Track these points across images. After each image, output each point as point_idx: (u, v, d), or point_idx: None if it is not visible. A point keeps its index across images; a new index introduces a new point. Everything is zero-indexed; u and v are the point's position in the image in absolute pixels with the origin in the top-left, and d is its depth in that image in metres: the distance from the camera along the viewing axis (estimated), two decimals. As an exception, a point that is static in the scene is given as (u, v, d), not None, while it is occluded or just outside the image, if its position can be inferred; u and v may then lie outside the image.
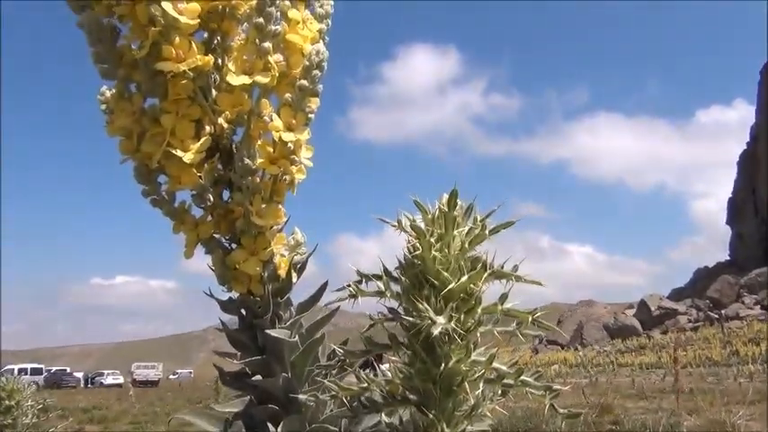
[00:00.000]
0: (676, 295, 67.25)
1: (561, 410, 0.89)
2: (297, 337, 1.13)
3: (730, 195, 75.36)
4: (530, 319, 0.87)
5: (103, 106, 1.06)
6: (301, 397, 0.93)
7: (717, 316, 54.99)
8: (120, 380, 52.43)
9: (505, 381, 0.82)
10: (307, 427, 1.11)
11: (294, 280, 1.15)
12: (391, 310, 0.92)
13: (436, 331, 0.77)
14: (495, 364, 0.82)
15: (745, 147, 75.47)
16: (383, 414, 0.95)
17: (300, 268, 1.17)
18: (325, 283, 1.17)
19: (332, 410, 1.16)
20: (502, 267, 0.85)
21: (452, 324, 0.79)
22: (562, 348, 59.04)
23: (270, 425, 1.11)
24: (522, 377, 0.81)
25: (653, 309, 59.42)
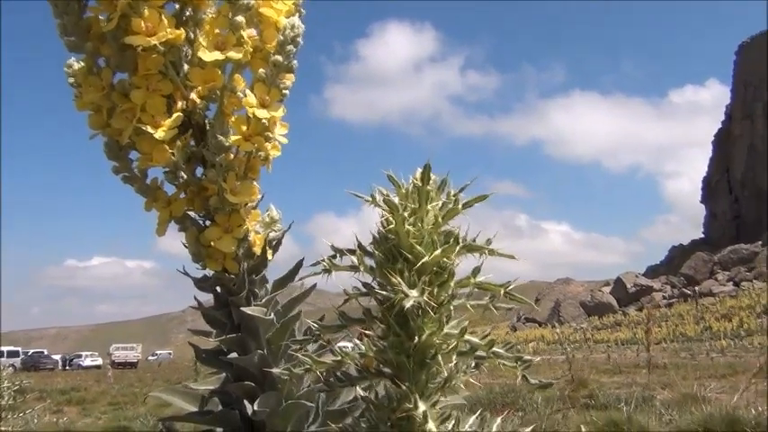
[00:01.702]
0: (652, 273, 68.36)
1: (533, 380, 0.90)
2: (273, 314, 1.13)
3: (705, 175, 76.42)
4: (502, 291, 0.88)
5: (71, 80, 1.04)
6: (275, 371, 0.93)
7: (691, 292, 56.05)
8: (99, 362, 52.09)
9: (478, 353, 0.83)
10: (283, 403, 1.12)
11: (269, 257, 1.15)
12: (366, 284, 0.92)
13: (408, 305, 0.78)
14: (467, 337, 0.83)
15: (719, 126, 76.42)
16: (359, 388, 0.96)
17: (276, 245, 1.17)
18: (301, 261, 1.17)
19: (309, 386, 1.17)
20: (474, 241, 0.85)
21: (425, 297, 0.80)
22: (540, 326, 59.81)
23: (246, 401, 1.12)
24: (493, 348, 0.82)
25: (629, 286, 60.36)
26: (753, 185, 66.79)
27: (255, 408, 1.09)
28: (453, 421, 0.84)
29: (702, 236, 73.96)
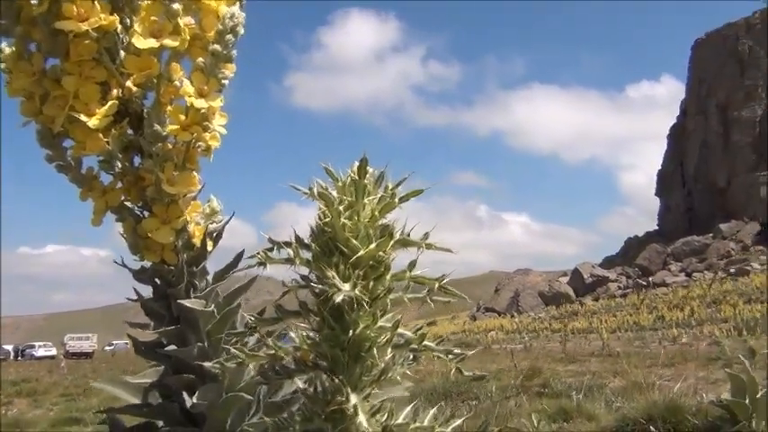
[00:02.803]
0: (608, 263, 69.85)
1: (467, 373, 0.91)
2: (213, 306, 1.12)
3: (660, 168, 78.29)
4: (436, 285, 0.89)
5: (2, 65, 1.01)
6: (206, 365, 0.92)
7: (645, 283, 57.50)
8: (53, 352, 50.89)
9: (412, 346, 0.84)
10: (223, 396, 1.11)
11: (209, 248, 1.13)
12: (303, 277, 0.92)
13: (339, 298, 0.78)
14: (400, 330, 0.84)
15: (674, 121, 78.30)
16: (298, 380, 0.95)
17: (216, 237, 1.16)
18: (242, 252, 1.16)
19: (252, 377, 1.16)
20: (408, 235, 0.86)
21: (357, 291, 0.80)
22: (499, 315, 60.65)
23: (185, 394, 1.11)
24: (425, 342, 0.83)
25: (585, 276, 61.59)
26: (705, 179, 68.71)
27: (194, 400, 1.08)
28: (386, 414, 0.84)
29: (657, 228, 75.84)
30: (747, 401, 2.72)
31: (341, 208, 0.85)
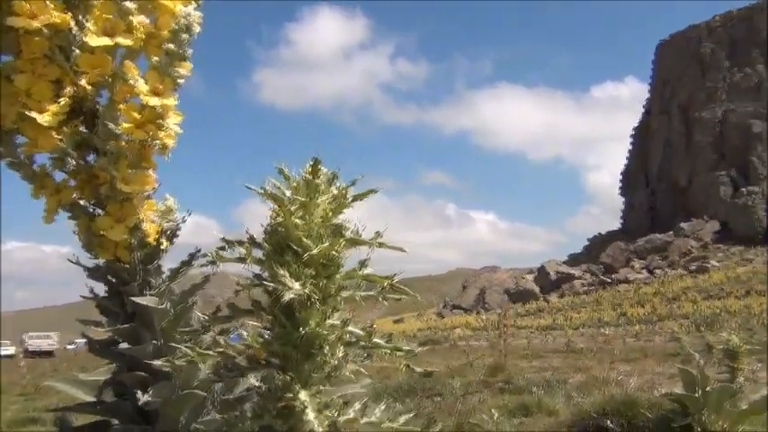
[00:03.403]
0: (573, 261, 70.91)
1: (418, 369, 0.94)
2: (167, 303, 1.12)
3: (624, 167, 79.66)
4: (386, 283, 0.91)
5: (-49, 61, 1.00)
6: (156, 363, 0.93)
7: (609, 280, 58.53)
8: (12, 351, 49.68)
9: (364, 343, 0.86)
10: (177, 393, 1.11)
11: (164, 247, 1.14)
12: (257, 276, 0.93)
13: (288, 296, 0.79)
14: (350, 328, 0.85)
15: (638, 121, 79.74)
16: (252, 378, 0.97)
17: (171, 235, 1.16)
18: (198, 250, 1.17)
19: (208, 374, 1.17)
20: (360, 235, 0.88)
21: (307, 289, 0.82)
22: (466, 312, 61.14)
23: (139, 392, 1.11)
24: (373, 339, 0.85)
25: (551, 274, 62.43)
26: (668, 178, 70.20)
27: (148, 398, 1.08)
28: (336, 410, 0.86)
29: (620, 226, 77.22)
30: (699, 395, 2.82)
31: (292, 207, 0.86)
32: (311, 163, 0.89)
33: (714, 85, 67.94)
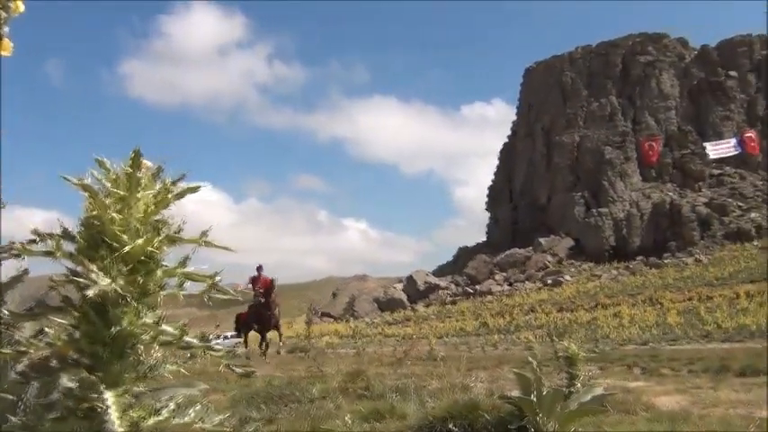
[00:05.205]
0: (440, 272, 73.31)
1: (238, 370, 0.93)
2: (-25, 301, 1.04)
3: (491, 183, 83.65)
4: (209, 282, 0.90)
5: None
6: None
7: (473, 291, 61.05)
8: None
9: (171, 341, 0.84)
10: (-16, 396, 1.03)
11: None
12: (71, 271, 0.89)
13: (92, 292, 0.76)
14: (163, 326, 0.83)
15: (504, 141, 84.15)
16: (65, 379, 0.92)
17: (-18, 226, 1.08)
18: (12, 243, 1.09)
19: (14, 376, 1.09)
20: (179, 233, 0.86)
21: (118, 286, 0.79)
22: (335, 320, 61.31)
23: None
24: (185, 338, 0.83)
25: (419, 283, 64.14)
26: (530, 196, 74.49)
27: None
28: (146, 411, 0.83)
29: (486, 239, 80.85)
30: (533, 398, 3.01)
31: (108, 201, 0.83)
32: (132, 155, 0.86)
33: (573, 112, 73.14)
